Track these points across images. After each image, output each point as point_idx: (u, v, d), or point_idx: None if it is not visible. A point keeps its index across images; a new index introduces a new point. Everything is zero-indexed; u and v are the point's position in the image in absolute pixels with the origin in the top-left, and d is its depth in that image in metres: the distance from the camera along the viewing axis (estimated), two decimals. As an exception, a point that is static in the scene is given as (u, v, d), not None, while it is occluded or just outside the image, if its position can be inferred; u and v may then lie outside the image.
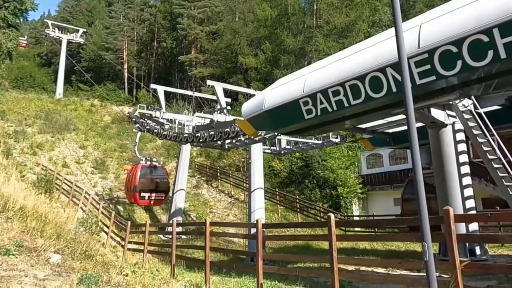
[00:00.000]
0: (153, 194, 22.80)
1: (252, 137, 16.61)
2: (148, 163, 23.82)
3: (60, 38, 54.73)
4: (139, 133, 26.78)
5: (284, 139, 22.26)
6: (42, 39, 74.65)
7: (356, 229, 21.52)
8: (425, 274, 4.21)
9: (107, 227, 17.61)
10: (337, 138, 21.71)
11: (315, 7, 39.24)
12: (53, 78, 62.09)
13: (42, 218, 9.27)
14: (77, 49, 64.16)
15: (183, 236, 21.01)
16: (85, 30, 60.76)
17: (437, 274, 6.73)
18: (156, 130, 25.56)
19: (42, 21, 74.58)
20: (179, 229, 20.59)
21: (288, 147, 23.32)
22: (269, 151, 22.96)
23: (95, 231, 15.07)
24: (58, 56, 56.62)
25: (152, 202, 23.50)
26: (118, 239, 17.18)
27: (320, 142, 22.10)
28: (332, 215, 6.81)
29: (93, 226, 15.00)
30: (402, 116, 11.08)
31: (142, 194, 22.11)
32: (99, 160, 32.32)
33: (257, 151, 18.87)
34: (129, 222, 16.49)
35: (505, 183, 9.69)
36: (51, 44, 66.63)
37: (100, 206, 19.86)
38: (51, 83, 60.90)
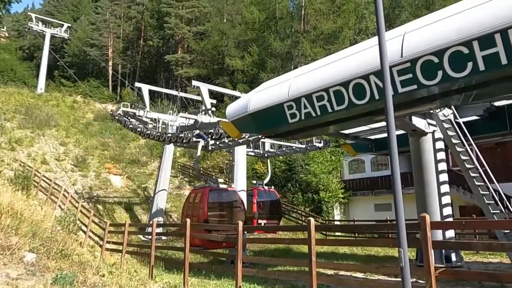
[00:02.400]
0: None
1: (236, 139, 16.60)
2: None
3: (44, 32, 53.65)
4: (201, 143, 18.56)
5: (268, 142, 22.33)
6: (24, 32, 73.07)
7: (336, 233, 21.69)
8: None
9: (86, 226, 17.30)
10: (320, 142, 21.91)
11: (303, 12, 39.57)
12: (35, 72, 60.77)
13: (18, 215, 9.07)
14: (61, 44, 63.01)
15: (164, 237, 20.80)
16: (69, 25, 59.72)
17: (414, 279, 6.86)
18: (139, 129, 25.29)
19: (26, 14, 72.95)
20: (160, 229, 20.42)
21: (272, 150, 23.41)
22: (252, 153, 22.99)
23: (73, 230, 14.74)
24: (41, 50, 55.46)
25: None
26: (96, 238, 16.88)
27: (303, 146, 22.26)
28: (312, 219, 6.86)
29: (71, 225, 14.66)
30: (384, 123, 11.24)
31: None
32: (80, 158, 31.73)
33: (241, 153, 18.87)
34: (108, 222, 16.24)
35: (481, 192, 9.93)
36: (34, 38, 65.27)
37: (79, 204, 19.47)
38: (33, 77, 59.57)
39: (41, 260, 7.12)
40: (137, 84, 30.15)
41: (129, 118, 28.01)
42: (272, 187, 22.37)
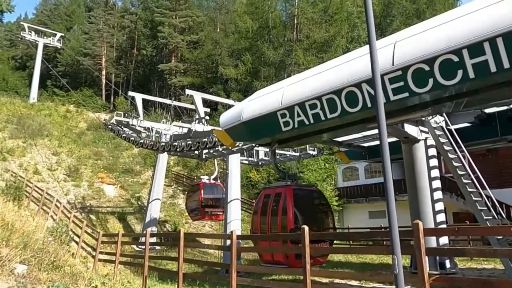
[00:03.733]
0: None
1: (230, 147, 16.58)
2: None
3: (36, 42, 53.54)
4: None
5: (262, 150, 22.32)
6: (17, 41, 72.78)
7: (331, 241, 21.60)
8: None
9: (78, 236, 17.09)
10: (314, 150, 21.95)
11: (295, 21, 39.92)
12: (27, 82, 60.47)
13: (9, 226, 8.95)
14: (54, 53, 62.81)
15: (157, 247, 20.62)
16: (62, 34, 59.67)
17: (408, 287, 6.85)
18: (132, 138, 25.19)
19: (18, 24, 72.79)
20: (153, 239, 20.24)
21: (266, 158, 23.38)
22: (246, 162, 22.95)
23: (65, 240, 14.57)
24: (34, 60, 55.30)
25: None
26: (89, 249, 16.68)
27: (297, 154, 22.28)
28: (306, 228, 6.85)
29: (63, 236, 14.49)
30: (376, 131, 11.29)
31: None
32: (73, 168, 31.48)
33: (235, 162, 18.84)
34: (101, 232, 16.07)
35: (474, 198, 9.98)
36: (27, 47, 65.05)
37: (71, 214, 19.27)
38: (25, 87, 59.26)
39: (32, 271, 7.01)
40: (130, 93, 30.10)
41: (122, 127, 27.91)
42: (219, 181, 23.84)
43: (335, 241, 21.59)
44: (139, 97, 27.89)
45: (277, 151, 22.03)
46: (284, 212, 11.67)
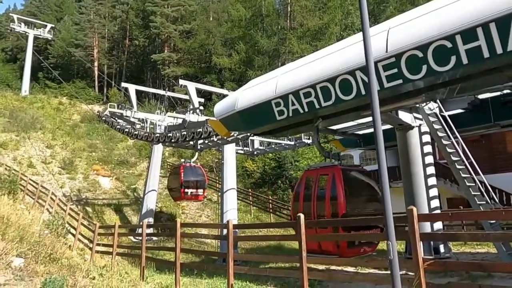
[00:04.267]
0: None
1: (225, 137, 16.57)
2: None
3: (27, 33, 52.72)
4: None
5: (257, 139, 22.35)
6: (7, 33, 71.58)
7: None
8: (391, 272, 4.32)
9: (75, 229, 17.09)
10: (309, 139, 21.99)
11: (289, 9, 39.61)
12: (18, 74, 59.69)
13: (4, 220, 8.94)
14: (45, 45, 61.95)
15: (154, 238, 20.69)
16: (53, 25, 58.77)
17: (403, 272, 6.96)
18: (127, 130, 25.09)
19: (8, 15, 71.52)
20: (150, 230, 20.29)
21: (261, 147, 23.43)
22: (242, 151, 22.99)
23: (62, 233, 14.57)
24: (24, 52, 54.51)
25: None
26: (86, 241, 16.69)
27: (292, 143, 22.32)
28: (301, 215, 6.89)
29: (59, 228, 14.49)
30: (371, 118, 11.31)
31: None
32: (67, 160, 31.33)
33: (230, 152, 18.85)
34: (97, 224, 16.07)
35: (467, 184, 10.09)
36: (17, 39, 64.06)
37: (67, 207, 19.23)
38: (17, 79, 58.53)
39: (29, 264, 7.03)
40: (123, 84, 29.90)
41: (116, 118, 27.75)
42: (199, 164, 24.40)
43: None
44: (132, 88, 27.69)
45: (273, 140, 22.10)
46: (333, 195, 10.26)
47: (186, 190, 22.36)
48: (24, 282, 6.23)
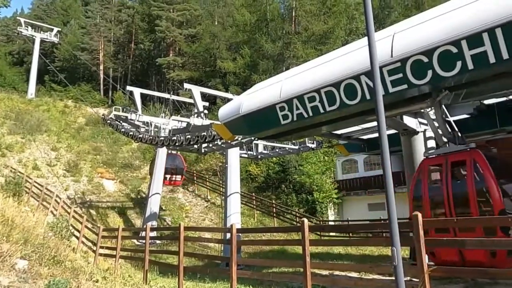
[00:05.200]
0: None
1: (229, 141, 16.58)
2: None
3: (33, 37, 53.16)
4: None
5: (261, 143, 22.34)
6: (14, 37, 72.28)
7: (330, 234, 21.74)
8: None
9: (78, 231, 17.14)
10: (313, 143, 21.95)
11: (293, 14, 39.68)
12: (25, 77, 60.13)
13: (9, 222, 8.95)
14: (51, 48, 62.41)
15: (158, 241, 20.68)
16: (59, 29, 59.22)
17: (408, 278, 6.89)
18: (131, 133, 25.16)
19: (15, 19, 72.22)
20: (154, 233, 20.30)
21: (265, 151, 23.40)
22: (246, 155, 22.97)
23: (66, 235, 14.59)
24: (31, 55, 54.95)
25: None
26: (89, 244, 16.74)
27: (296, 147, 22.28)
28: (305, 220, 6.87)
29: (63, 231, 14.50)
30: (375, 123, 11.29)
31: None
32: (72, 163, 31.48)
33: (234, 156, 18.85)
34: (101, 227, 16.11)
35: (473, 190, 9.99)
36: (24, 43, 64.62)
37: (71, 210, 19.31)
38: (23, 82, 58.95)
39: (33, 267, 7.03)
40: (128, 88, 30.03)
41: (121, 122, 27.87)
42: (179, 153, 26.33)
43: (335, 234, 21.83)
44: (137, 92, 27.82)
45: (277, 144, 22.08)
46: (482, 187, 7.98)
47: (165, 175, 24.77)
48: (28, 284, 6.23)
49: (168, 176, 25.19)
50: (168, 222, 26.65)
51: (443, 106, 8.75)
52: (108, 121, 30.09)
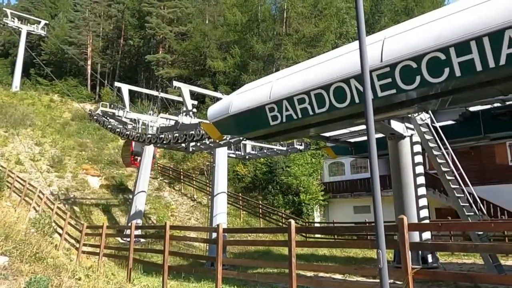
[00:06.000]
0: None
1: (218, 140, 16.52)
2: None
3: (20, 29, 52.21)
4: None
5: (249, 144, 22.32)
6: (-1, 28, 70.82)
7: (316, 235, 21.86)
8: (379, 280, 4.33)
9: (61, 228, 16.85)
10: (301, 145, 22.04)
11: (285, 15, 39.82)
12: (9, 70, 58.98)
13: (-10, 217, 8.76)
14: (38, 41, 61.31)
15: (142, 240, 20.49)
16: (47, 22, 58.29)
17: (391, 280, 6.96)
18: (118, 130, 24.86)
19: (1, 10, 70.75)
20: (138, 232, 20.10)
21: (253, 152, 23.40)
22: (234, 155, 22.92)
23: (48, 232, 14.36)
24: (17, 47, 53.95)
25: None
26: (72, 241, 16.47)
27: (284, 148, 22.34)
28: (292, 222, 6.89)
29: (46, 227, 14.27)
30: (363, 126, 11.41)
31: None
32: (56, 158, 30.95)
33: (222, 155, 18.79)
34: (85, 224, 15.88)
35: (456, 194, 10.20)
36: (10, 34, 63.36)
37: (54, 206, 18.96)
38: (7, 75, 57.78)
39: (14, 263, 6.90)
40: (116, 84, 29.68)
41: (108, 118, 27.51)
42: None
43: (321, 235, 21.93)
44: (125, 88, 27.53)
45: (265, 145, 22.11)
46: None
47: (135, 157, 26.34)
48: (8, 281, 6.11)
49: (138, 159, 26.02)
50: (153, 220, 26.43)
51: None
52: (95, 117, 29.68)
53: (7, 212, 12.29)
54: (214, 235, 10.25)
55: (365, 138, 14.35)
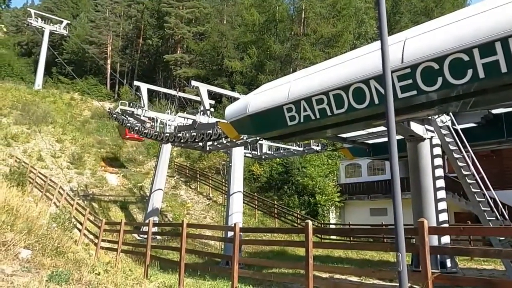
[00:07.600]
0: None
1: (234, 140, 16.59)
2: None
3: (43, 28, 53.45)
4: None
5: (265, 144, 22.35)
6: (23, 28, 72.71)
7: (332, 237, 21.71)
8: (397, 284, 4.30)
9: (81, 224, 17.20)
10: (318, 146, 21.93)
11: (303, 16, 39.64)
12: (32, 68, 60.46)
13: (13, 211, 9.01)
14: (60, 40, 62.71)
15: (158, 237, 20.74)
16: (69, 22, 59.53)
17: (409, 284, 6.88)
18: (137, 128, 25.23)
19: (25, 10, 72.70)
20: (155, 229, 20.35)
21: (269, 152, 23.40)
22: (250, 155, 22.99)
23: (68, 227, 14.67)
24: (39, 47, 55.25)
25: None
26: (91, 236, 16.79)
27: (301, 149, 22.26)
28: (309, 222, 6.87)
29: (66, 222, 14.60)
30: (381, 128, 11.30)
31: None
32: (76, 155, 31.61)
33: (238, 155, 18.85)
34: (104, 220, 16.16)
35: (477, 199, 9.98)
36: (33, 34, 64.95)
37: (74, 202, 19.38)
38: (31, 73, 59.25)
39: (36, 257, 7.07)
40: (135, 83, 30.14)
41: (126, 116, 27.98)
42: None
43: (336, 237, 21.76)
44: (144, 87, 27.93)
45: (281, 145, 22.07)
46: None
47: (132, 131, 26.77)
48: (31, 274, 6.26)
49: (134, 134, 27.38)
50: (169, 218, 26.71)
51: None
52: (114, 115, 30.20)
53: (29, 206, 12.57)
54: (230, 233, 10.31)
55: (383, 139, 14.19)
